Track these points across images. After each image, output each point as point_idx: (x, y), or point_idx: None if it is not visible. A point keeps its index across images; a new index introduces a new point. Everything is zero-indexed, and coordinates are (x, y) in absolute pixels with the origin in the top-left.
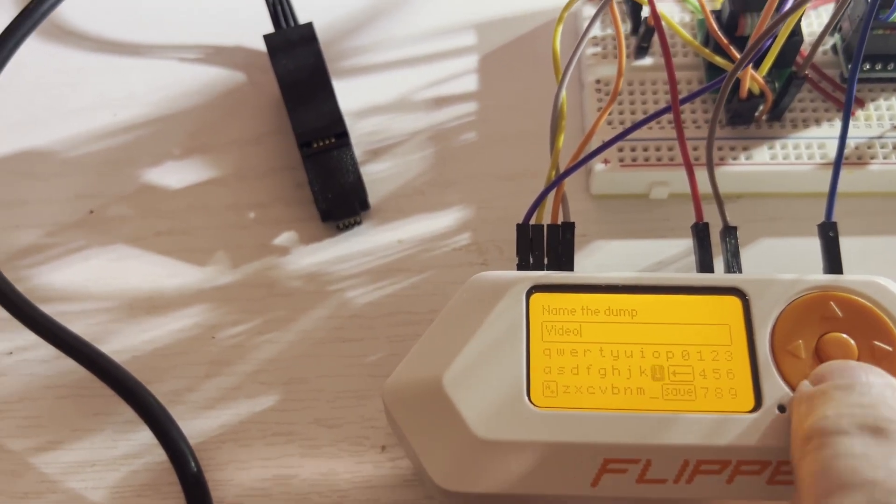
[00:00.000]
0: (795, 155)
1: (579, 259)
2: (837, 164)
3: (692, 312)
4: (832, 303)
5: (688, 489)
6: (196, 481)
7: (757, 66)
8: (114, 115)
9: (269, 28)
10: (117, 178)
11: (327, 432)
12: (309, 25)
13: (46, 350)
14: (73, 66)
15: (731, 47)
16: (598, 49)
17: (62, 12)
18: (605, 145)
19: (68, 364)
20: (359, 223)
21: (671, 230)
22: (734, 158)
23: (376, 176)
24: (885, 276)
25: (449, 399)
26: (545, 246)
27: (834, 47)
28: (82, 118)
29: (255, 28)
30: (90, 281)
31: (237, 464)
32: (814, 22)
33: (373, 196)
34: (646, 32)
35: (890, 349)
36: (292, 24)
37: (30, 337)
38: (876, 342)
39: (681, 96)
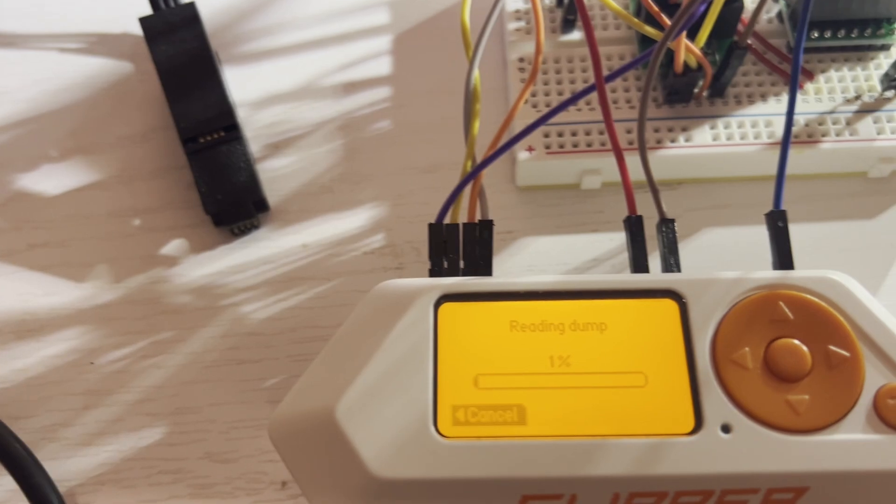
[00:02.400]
0: (740, 135)
1: (504, 259)
2: (785, 143)
3: (622, 320)
4: (781, 303)
5: None
6: None
7: (693, 36)
8: None
9: (149, 10)
10: None
11: (220, 468)
12: (191, 5)
13: None
14: None
15: (663, 15)
16: (522, 24)
17: None
18: (526, 130)
19: None
20: (256, 227)
21: (606, 223)
22: (672, 141)
23: (278, 173)
24: (842, 268)
25: (342, 432)
26: (461, 247)
27: (780, 14)
28: None
29: (141, 12)
30: None
31: None
32: None
33: (273, 195)
34: (570, 3)
35: (847, 355)
36: (172, 4)
37: None
38: (831, 347)
39: (610, 71)
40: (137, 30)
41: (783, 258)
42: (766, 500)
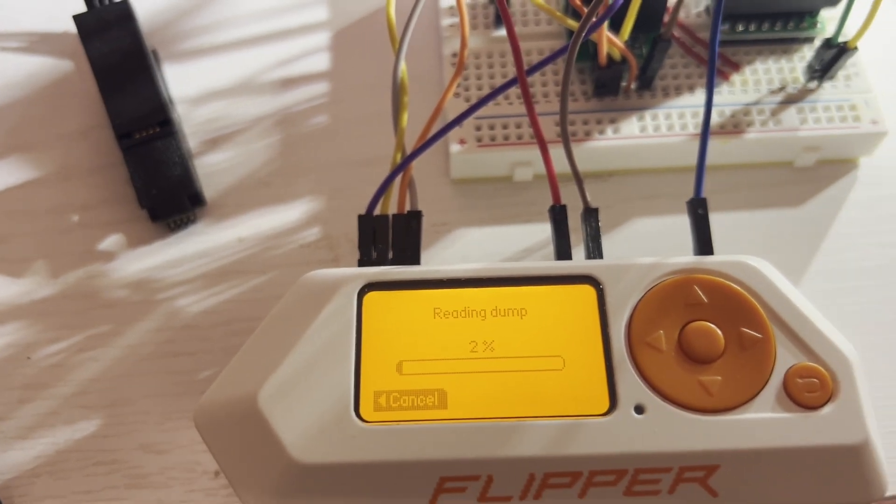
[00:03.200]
0: (667, 126)
1: (438, 250)
2: (704, 133)
3: (542, 306)
4: (696, 287)
5: None
6: None
7: (617, 29)
8: None
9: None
10: None
11: (155, 459)
12: (125, 3)
13: None
14: None
15: (586, 9)
16: (456, 19)
17: None
18: (454, 122)
19: None
20: (193, 221)
21: (538, 214)
22: (601, 132)
23: (215, 167)
24: (768, 255)
25: (264, 418)
26: (390, 238)
27: (707, 8)
28: None
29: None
30: None
31: (53, 499)
32: None
33: (210, 190)
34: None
35: (759, 336)
36: (107, 2)
37: None
38: (744, 329)
39: (532, 63)
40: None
41: (703, 245)
42: (678, 478)
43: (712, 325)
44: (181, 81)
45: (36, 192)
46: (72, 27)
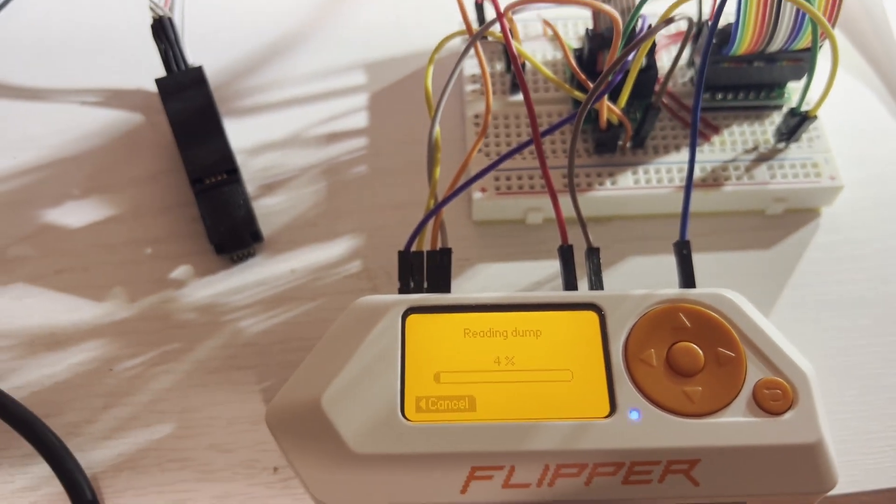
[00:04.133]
0: (657, 179)
1: (462, 282)
2: (688, 185)
3: (553, 328)
4: (681, 314)
5: (549, 492)
6: None
7: (615, 98)
8: (13, 158)
9: (164, 72)
10: (18, 220)
11: (221, 456)
12: (199, 69)
13: None
14: None
15: (589, 82)
16: (477, 86)
17: None
18: (478, 175)
19: None
20: (252, 255)
21: (546, 252)
22: (601, 184)
23: (270, 209)
24: (737, 288)
25: (327, 417)
26: (425, 270)
27: (692, 80)
28: None
29: (153, 72)
30: None
31: (134, 491)
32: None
33: (266, 228)
34: (513, 68)
35: (733, 355)
36: (183, 67)
37: None
38: (720, 349)
39: (544, 127)
40: (148, 86)
41: (687, 279)
42: (666, 470)
43: (694, 346)
44: (240, 134)
45: (114, 228)
46: (143, 85)
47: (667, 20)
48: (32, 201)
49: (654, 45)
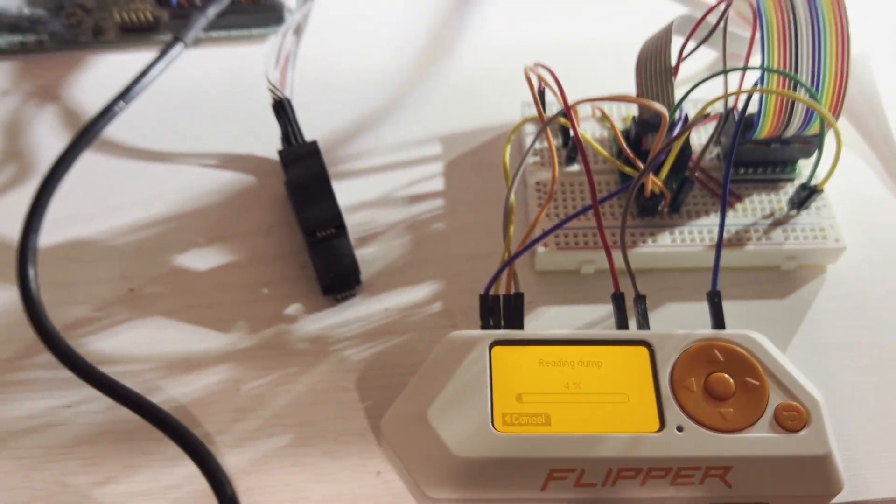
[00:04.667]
0: (690, 239)
1: (528, 321)
2: (718, 246)
3: (612, 359)
4: (716, 350)
5: (612, 490)
6: (232, 502)
7: (657, 172)
8: (147, 211)
9: (277, 143)
10: (152, 263)
11: (333, 462)
12: (314, 143)
13: (99, 403)
14: (112, 169)
15: (637, 160)
16: (538, 159)
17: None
18: (544, 234)
19: (118, 413)
20: (353, 296)
21: (598, 298)
22: (644, 242)
23: (366, 257)
24: (760, 330)
25: (433, 427)
26: (501, 311)
27: (718, 156)
28: (121, 213)
29: (264, 139)
30: (133, 347)
31: (260, 490)
32: (703, 135)
33: (364, 273)
34: (573, 147)
35: (757, 383)
36: (300, 140)
37: (84, 392)
38: (747, 378)
39: (600, 195)
40: (258, 152)
41: (718, 322)
42: (705, 474)
43: (726, 375)
44: (342, 194)
45: (234, 272)
46: (254, 151)
47: (704, 115)
48: (164, 248)
49: None
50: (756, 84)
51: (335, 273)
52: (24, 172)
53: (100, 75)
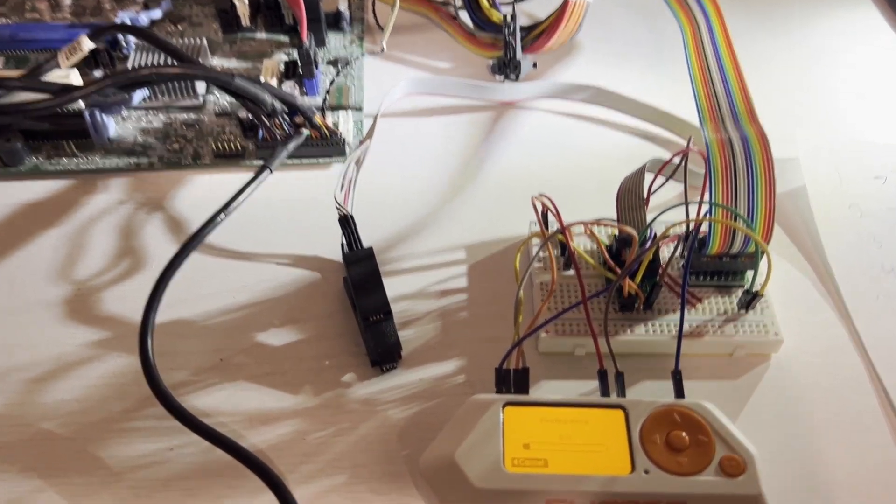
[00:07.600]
0: (660, 330)
1: (533, 390)
2: (679, 336)
3: (595, 419)
4: (675, 414)
5: None
6: None
7: (633, 277)
8: (234, 298)
9: (336, 246)
10: (238, 338)
11: (378, 497)
12: (370, 249)
13: (195, 447)
14: (207, 265)
15: (617, 267)
16: (542, 264)
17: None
18: (546, 323)
19: (211, 455)
20: (395, 367)
21: (587, 374)
22: (623, 331)
23: (407, 338)
24: (709, 400)
25: (459, 466)
26: (512, 381)
27: (683, 265)
28: (214, 299)
29: (325, 244)
30: (222, 404)
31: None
32: (676, 250)
33: (405, 350)
34: (568, 257)
35: (706, 440)
36: (359, 246)
37: (184, 438)
38: (699, 436)
39: (589, 294)
40: (321, 253)
41: (678, 393)
42: None
43: (683, 433)
44: (388, 287)
45: (302, 347)
46: (318, 252)
47: (665, 236)
48: (248, 327)
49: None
50: (706, 214)
51: (382, 349)
52: (136, 266)
53: (197, 191)
